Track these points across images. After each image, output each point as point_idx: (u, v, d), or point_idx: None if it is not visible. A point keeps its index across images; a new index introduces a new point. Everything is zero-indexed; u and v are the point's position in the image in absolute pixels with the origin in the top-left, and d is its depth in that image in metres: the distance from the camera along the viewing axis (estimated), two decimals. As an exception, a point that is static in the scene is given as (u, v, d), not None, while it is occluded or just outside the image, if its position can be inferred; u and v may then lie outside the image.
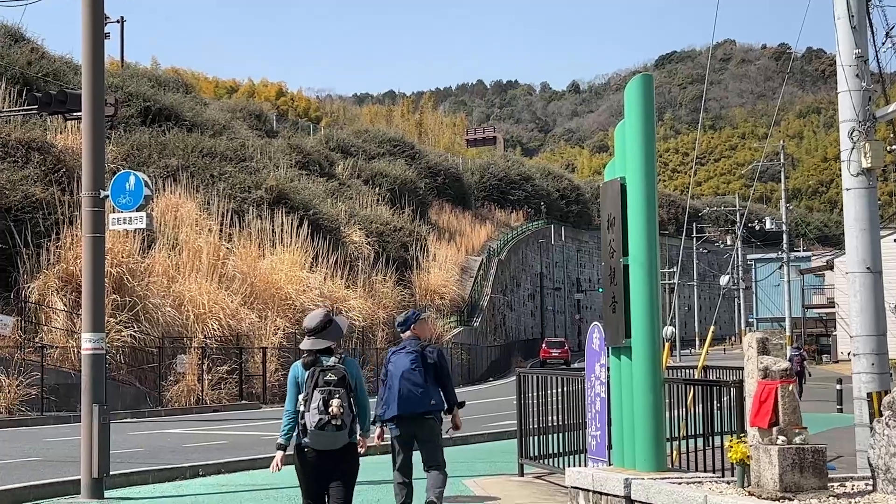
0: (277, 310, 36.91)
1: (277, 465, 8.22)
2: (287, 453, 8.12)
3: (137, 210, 13.43)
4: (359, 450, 8.13)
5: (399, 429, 9.99)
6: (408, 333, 10.25)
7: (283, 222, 40.86)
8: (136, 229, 15.74)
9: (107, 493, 12.47)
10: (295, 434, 8.02)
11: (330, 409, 7.73)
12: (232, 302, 34.55)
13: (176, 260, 34.28)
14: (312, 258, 40.97)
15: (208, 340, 32.67)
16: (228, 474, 14.78)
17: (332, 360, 7.96)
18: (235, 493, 12.70)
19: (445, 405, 10.24)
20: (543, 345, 68.73)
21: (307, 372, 7.94)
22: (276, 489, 13.03)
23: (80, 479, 12.57)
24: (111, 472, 12.75)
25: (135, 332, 29.78)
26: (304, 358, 8.05)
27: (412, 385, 9.90)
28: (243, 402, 32.60)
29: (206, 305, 33.25)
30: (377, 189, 59.91)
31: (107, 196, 13.25)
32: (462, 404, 10.53)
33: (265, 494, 12.59)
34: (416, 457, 10.14)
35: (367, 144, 70.10)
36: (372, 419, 8.82)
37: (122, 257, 30.63)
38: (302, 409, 7.90)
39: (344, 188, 56.95)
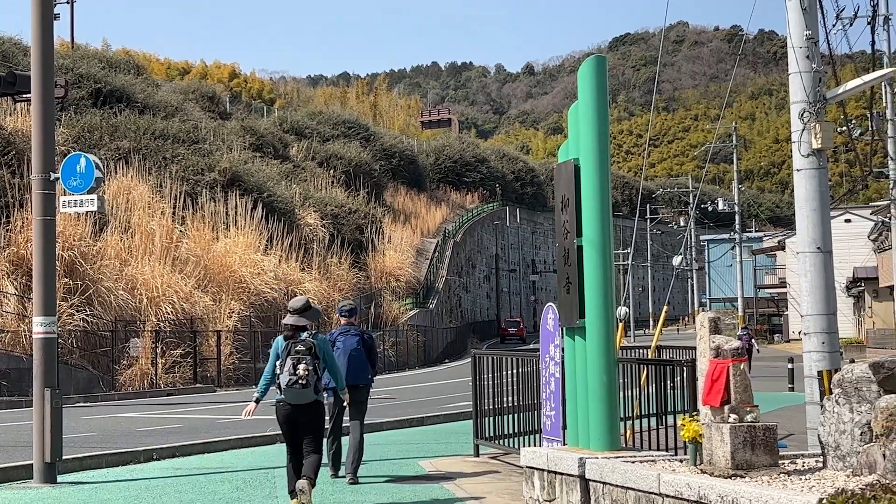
0: (232, 293, 36.73)
1: (249, 412, 10.51)
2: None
3: (88, 193, 13.29)
4: (343, 403, 11.06)
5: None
6: (350, 319, 12.60)
7: (236, 205, 40.62)
8: (87, 212, 15.56)
9: (59, 478, 12.37)
10: (277, 393, 10.15)
11: (297, 372, 9.83)
12: (186, 285, 34.33)
13: (128, 243, 34.00)
14: (267, 241, 40.79)
15: (162, 324, 32.45)
16: (183, 458, 14.71)
17: (305, 336, 10.07)
18: (189, 477, 12.64)
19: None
20: (502, 324, 79.54)
21: (285, 343, 10.05)
22: (230, 472, 12.99)
23: (32, 464, 12.45)
24: (64, 457, 12.65)
25: (87, 315, 29.55)
26: (285, 332, 10.13)
27: (357, 361, 12.15)
28: (198, 385, 32.43)
29: (160, 289, 33.03)
30: (332, 171, 59.74)
31: (57, 178, 13.10)
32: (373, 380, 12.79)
33: (220, 477, 12.54)
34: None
35: (321, 126, 69.82)
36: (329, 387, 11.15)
37: (74, 240, 30.36)
38: (279, 371, 10.01)
39: (298, 170, 56.71)
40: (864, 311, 62.35)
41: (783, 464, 8.10)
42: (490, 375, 13.95)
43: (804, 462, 8.50)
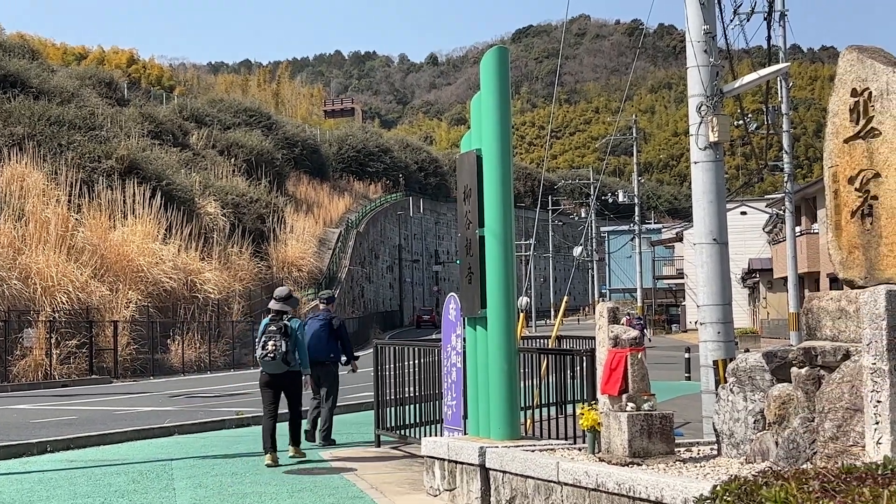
0: (129, 282, 36.07)
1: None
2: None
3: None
4: (304, 379, 12.89)
5: (312, 369, 13.46)
6: (328, 306, 14.96)
7: (134, 193, 39.87)
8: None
9: (-52, 473, 12.02)
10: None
11: (267, 348, 12.34)
12: (82, 274, 33.63)
13: (22, 231, 33.18)
14: (166, 230, 40.14)
15: (57, 314, 31.75)
16: (78, 450, 14.40)
17: (283, 318, 12.53)
18: (85, 469, 12.38)
19: (344, 357, 14.78)
20: (417, 312, 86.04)
21: (266, 324, 12.52)
22: (127, 464, 12.77)
23: (-81, 459, 12.08)
24: (-47, 451, 12.30)
25: (-22, 305, 28.78)
26: (270, 315, 12.62)
27: (319, 340, 14.30)
28: (94, 376, 31.82)
29: (55, 278, 32.30)
30: (233, 160, 59.05)
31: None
32: (357, 357, 15.22)
33: (116, 469, 12.31)
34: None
35: (222, 114, 68.97)
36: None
37: (-36, 229, 29.53)
38: (257, 347, 12.54)
39: (198, 158, 55.92)
40: (758, 302, 63.81)
41: (679, 451, 8.23)
42: (392, 366, 13.94)
43: (700, 450, 8.65)
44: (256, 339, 12.62)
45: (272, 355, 12.28)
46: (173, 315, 38.27)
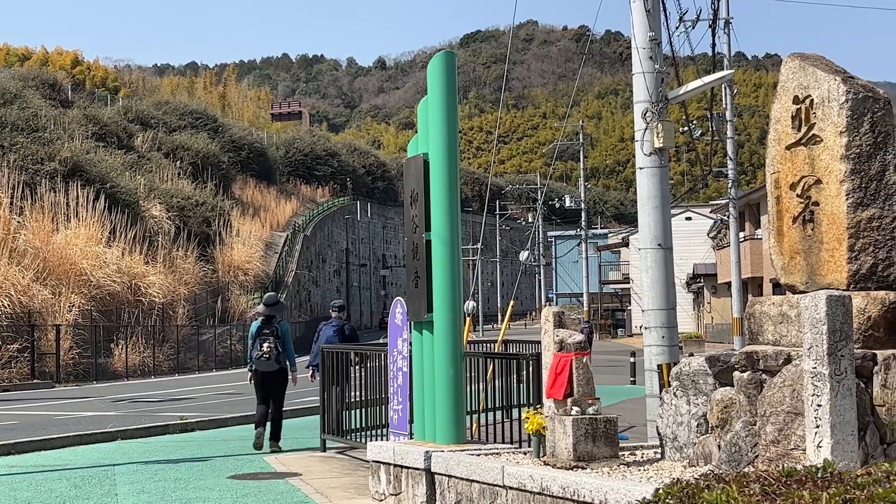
0: (72, 286, 35.62)
1: (249, 378, 14.70)
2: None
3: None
4: (289, 380, 14.49)
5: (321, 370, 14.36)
6: (339, 314, 16.06)
7: (78, 195, 39.39)
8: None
9: None
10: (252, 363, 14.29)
11: (262, 348, 14.04)
12: (23, 278, 33.18)
13: (-38, 234, 32.65)
14: (110, 233, 39.70)
15: (-2, 318, 31.29)
16: (18, 455, 14.20)
17: (273, 322, 14.19)
18: (26, 475, 12.21)
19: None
20: (381, 315, 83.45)
21: (259, 327, 14.17)
22: (69, 469, 12.60)
23: None
24: None
25: (-83, 309, 28.27)
26: (260, 319, 14.30)
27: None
28: (36, 381, 31.39)
29: (-4, 281, 31.83)
30: (178, 162, 58.52)
31: None
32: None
33: (58, 475, 12.15)
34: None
35: (167, 116, 68.34)
36: (309, 365, 15.59)
37: None
38: (251, 347, 14.18)
39: (143, 161, 55.37)
40: (703, 307, 64.41)
41: (623, 455, 8.28)
42: (338, 370, 13.89)
43: (644, 453, 8.71)
44: (249, 341, 14.34)
45: (267, 355, 13.98)
46: (117, 319, 37.85)
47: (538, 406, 8.83)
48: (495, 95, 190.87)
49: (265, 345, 13.98)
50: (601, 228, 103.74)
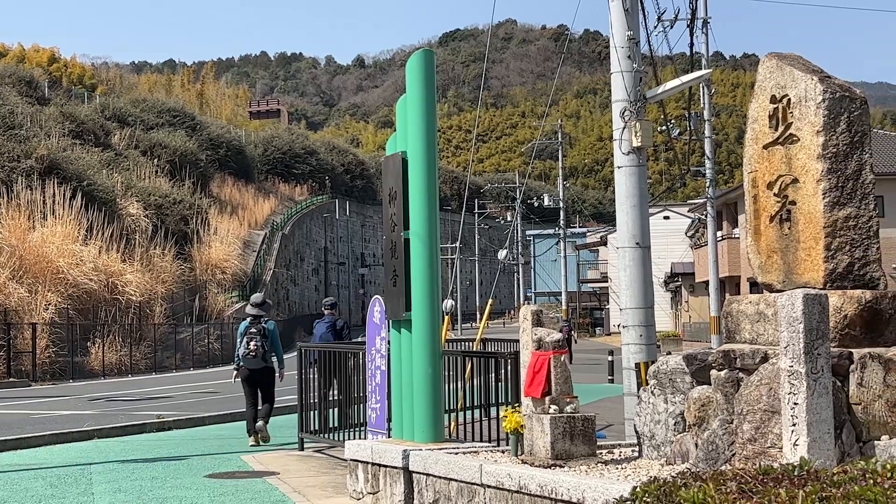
0: (49, 284, 35.41)
1: (234, 376, 15.48)
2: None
3: None
4: (276, 377, 15.25)
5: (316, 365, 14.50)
6: (332, 311, 16.97)
7: (54, 193, 39.13)
8: None
9: None
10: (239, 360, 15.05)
11: (249, 347, 14.80)
12: (-1, 276, 32.97)
13: (-63, 232, 32.41)
14: (86, 231, 39.45)
15: (-27, 316, 31.08)
16: (-7, 455, 14.11)
17: (260, 321, 14.93)
18: (2, 474, 12.12)
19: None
20: (362, 314, 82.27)
21: (246, 327, 14.89)
22: (44, 468, 12.53)
23: None
24: None
25: None
26: (248, 319, 14.99)
27: (325, 342, 15.85)
28: (11, 379, 31.20)
29: (-29, 280, 31.62)
30: (156, 160, 58.24)
31: None
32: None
33: (33, 474, 12.08)
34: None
35: (145, 114, 68.04)
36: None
37: None
38: (239, 346, 14.97)
39: (121, 159, 55.09)
40: (680, 305, 64.64)
41: (601, 453, 8.30)
42: (316, 368, 13.87)
43: (621, 452, 8.73)
44: (238, 340, 15.19)
45: (254, 353, 14.77)
46: (94, 317, 37.65)
47: (516, 405, 8.84)
48: (474, 94, 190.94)
49: (252, 343, 14.75)
50: (580, 227, 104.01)
